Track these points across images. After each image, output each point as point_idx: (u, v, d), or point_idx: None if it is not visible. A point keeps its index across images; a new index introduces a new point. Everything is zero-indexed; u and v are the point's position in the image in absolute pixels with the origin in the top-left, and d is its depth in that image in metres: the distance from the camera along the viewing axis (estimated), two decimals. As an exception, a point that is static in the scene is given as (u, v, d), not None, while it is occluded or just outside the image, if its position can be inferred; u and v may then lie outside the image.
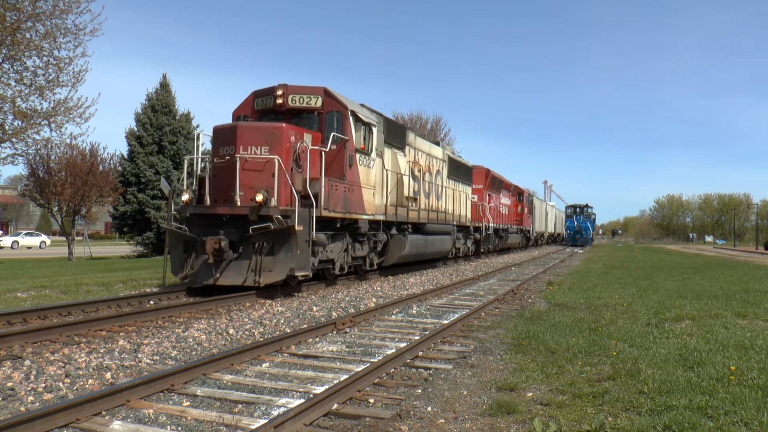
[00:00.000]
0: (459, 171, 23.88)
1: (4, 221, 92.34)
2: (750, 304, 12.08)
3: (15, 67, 20.32)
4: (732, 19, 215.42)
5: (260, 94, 13.66)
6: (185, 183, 12.64)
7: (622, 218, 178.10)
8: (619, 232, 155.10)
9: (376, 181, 14.79)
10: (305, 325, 8.89)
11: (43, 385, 5.45)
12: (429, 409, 5.05)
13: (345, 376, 5.81)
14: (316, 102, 13.16)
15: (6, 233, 67.67)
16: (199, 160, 12.53)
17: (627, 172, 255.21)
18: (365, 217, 13.98)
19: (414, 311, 10.68)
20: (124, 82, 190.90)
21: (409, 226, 17.46)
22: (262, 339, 7.77)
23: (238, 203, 11.20)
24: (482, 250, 28.89)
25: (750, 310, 10.99)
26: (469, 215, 25.13)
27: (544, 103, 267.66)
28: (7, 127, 20.71)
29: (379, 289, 13.94)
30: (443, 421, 4.76)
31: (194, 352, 7.02)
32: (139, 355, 6.68)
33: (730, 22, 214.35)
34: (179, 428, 4.52)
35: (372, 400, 5.21)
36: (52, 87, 20.85)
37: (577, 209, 70.07)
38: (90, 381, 5.67)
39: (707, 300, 12.65)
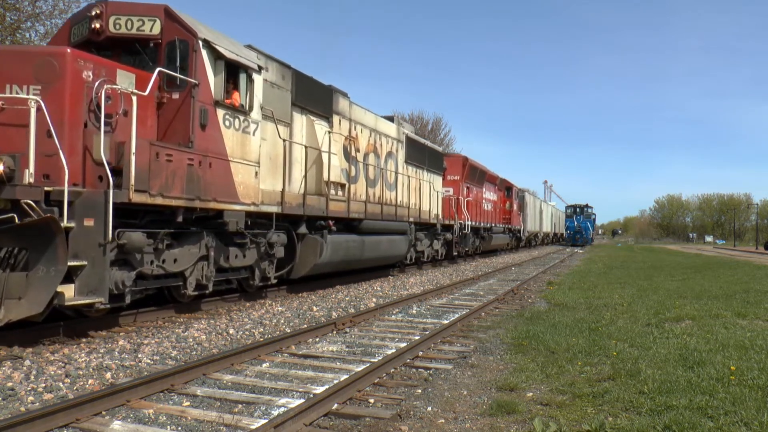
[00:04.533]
0: (424, 156, 19.76)
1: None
2: (750, 304, 12.08)
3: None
4: (733, 20, 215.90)
5: (77, 20, 9.21)
6: None
7: (622, 218, 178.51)
8: (619, 232, 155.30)
9: (271, 156, 10.72)
10: (305, 325, 8.89)
11: (43, 385, 5.45)
12: (429, 409, 5.05)
13: (345, 376, 5.81)
14: (153, 27, 8.67)
15: None
16: None
17: (627, 172, 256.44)
18: (237, 207, 9.48)
19: (414, 311, 10.68)
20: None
21: (332, 222, 12.96)
22: (262, 339, 7.77)
23: None
24: (456, 253, 24.09)
25: (750, 310, 10.99)
26: (437, 211, 21.04)
27: (545, 103, 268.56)
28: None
29: (379, 289, 13.97)
30: (443, 421, 4.77)
31: (194, 352, 7.02)
32: (139, 355, 6.68)
33: (731, 23, 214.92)
34: (179, 428, 4.52)
35: (372, 400, 5.21)
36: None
37: (577, 209, 70.09)
38: (90, 381, 5.67)
39: (707, 300, 12.66)
